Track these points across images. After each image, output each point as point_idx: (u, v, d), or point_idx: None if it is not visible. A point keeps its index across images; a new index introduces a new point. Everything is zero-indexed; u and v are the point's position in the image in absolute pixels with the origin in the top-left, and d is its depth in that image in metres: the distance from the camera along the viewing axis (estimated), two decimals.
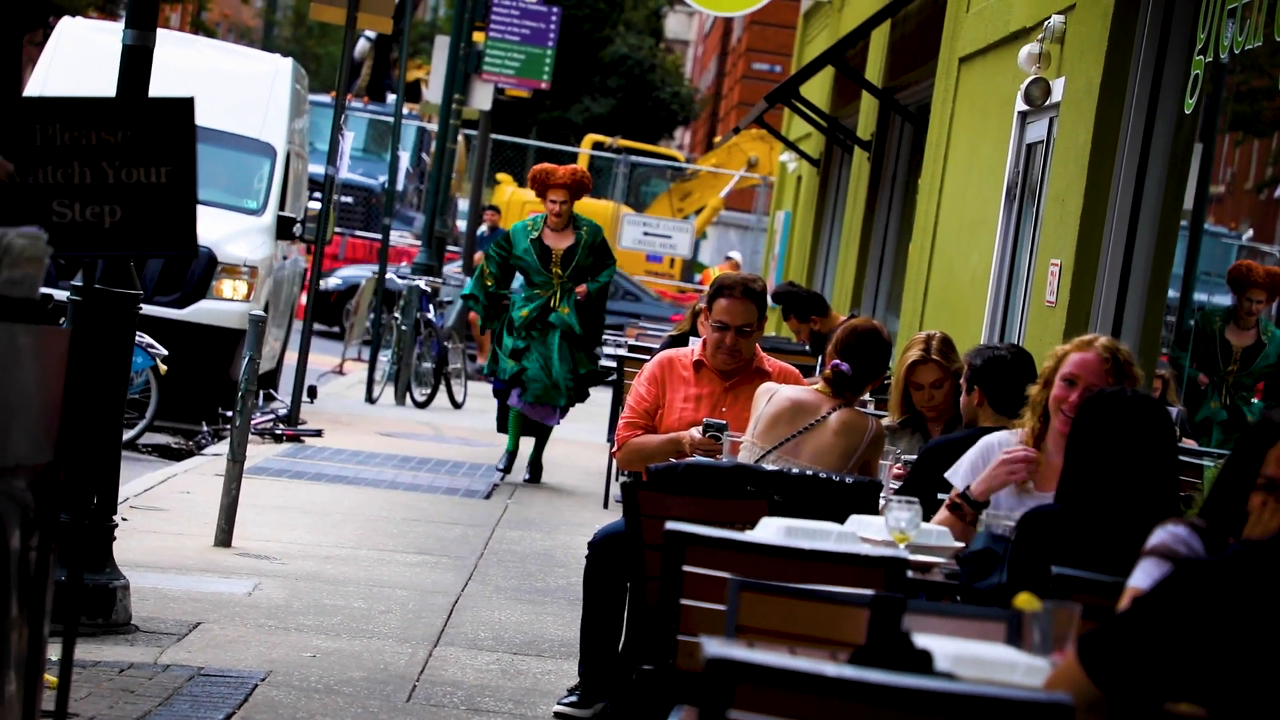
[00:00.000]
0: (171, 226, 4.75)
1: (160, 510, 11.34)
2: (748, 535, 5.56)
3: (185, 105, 4.81)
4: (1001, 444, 6.50)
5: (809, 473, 6.99)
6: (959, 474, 6.51)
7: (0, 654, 4.57)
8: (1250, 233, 11.72)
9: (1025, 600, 4.10)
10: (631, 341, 17.20)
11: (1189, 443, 10.59)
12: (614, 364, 14.76)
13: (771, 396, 7.36)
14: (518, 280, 14.55)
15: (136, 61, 7.96)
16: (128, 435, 14.17)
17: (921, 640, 3.79)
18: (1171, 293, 10.57)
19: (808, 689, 3.42)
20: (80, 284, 7.90)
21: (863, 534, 5.94)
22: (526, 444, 14.96)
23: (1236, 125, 10.22)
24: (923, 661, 3.68)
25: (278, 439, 15.37)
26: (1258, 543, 3.47)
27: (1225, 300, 15.73)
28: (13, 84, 4.94)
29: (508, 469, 14.67)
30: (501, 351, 14.25)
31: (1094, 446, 5.23)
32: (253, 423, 15.13)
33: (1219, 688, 3.43)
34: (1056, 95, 10.88)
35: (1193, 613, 3.45)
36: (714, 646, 3.48)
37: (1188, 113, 9.50)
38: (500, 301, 14.31)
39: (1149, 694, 3.49)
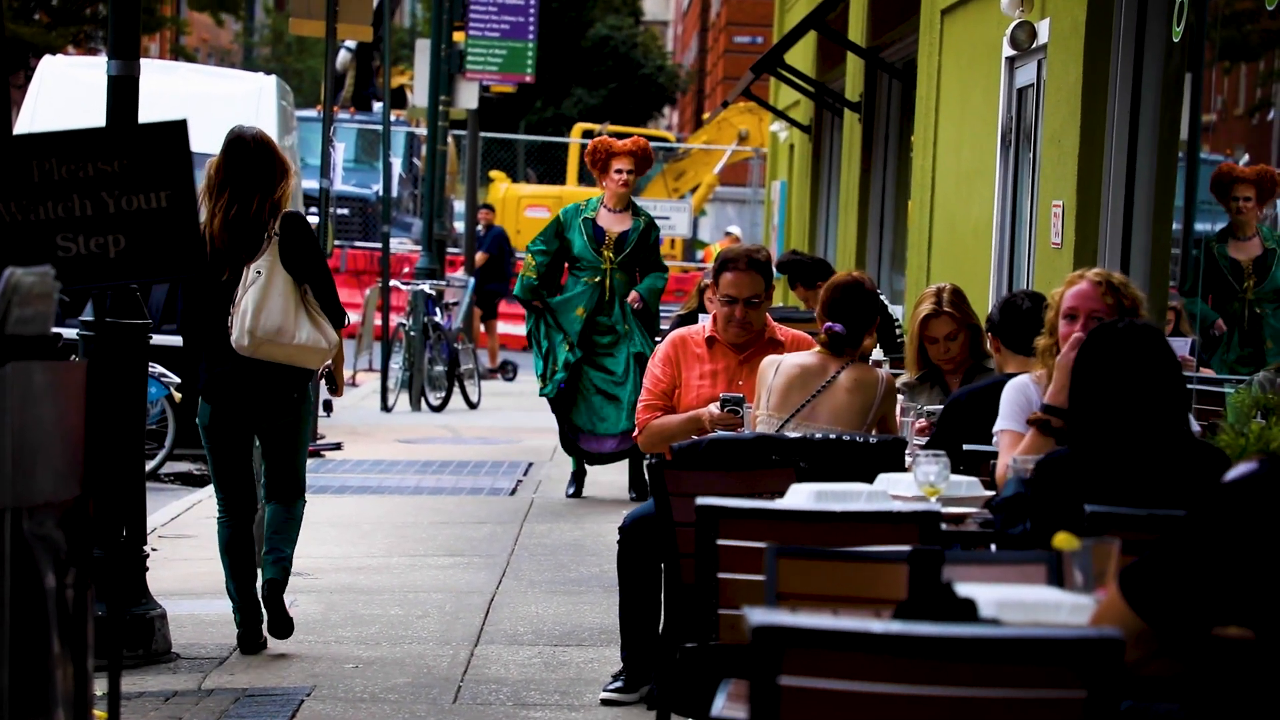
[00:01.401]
0: (176, 250, 4.76)
1: (189, 537, 11.37)
2: (779, 504, 5.57)
3: (179, 128, 4.82)
4: (1028, 383, 6.51)
5: (833, 436, 7.00)
6: (1006, 418, 6.50)
7: (47, 692, 4.59)
8: (1246, 158, 11.71)
9: (1064, 540, 4.11)
10: None
11: (1207, 371, 10.58)
12: None
13: (778, 367, 7.37)
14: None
15: (123, 91, 7.98)
16: (149, 465, 14.19)
17: (964, 589, 3.80)
18: (1177, 225, 10.56)
19: (856, 648, 3.43)
20: (90, 318, 7.93)
21: (893, 491, 5.94)
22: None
23: (1225, 52, 10.20)
24: (967, 610, 3.69)
25: (315, 455, 15.38)
26: None
27: (1224, 223, 15.68)
28: (3, 124, 4.96)
29: (577, 492, 13.68)
30: (557, 367, 13.32)
31: (1094, 381, 5.17)
32: None
33: (1265, 608, 3.43)
34: (1043, 37, 10.87)
35: (1233, 534, 3.45)
36: (758, 615, 3.49)
37: (1176, 41, 9.48)
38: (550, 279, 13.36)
39: (1195, 621, 3.49)
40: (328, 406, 17.32)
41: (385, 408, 19.37)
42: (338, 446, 15.82)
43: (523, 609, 9.45)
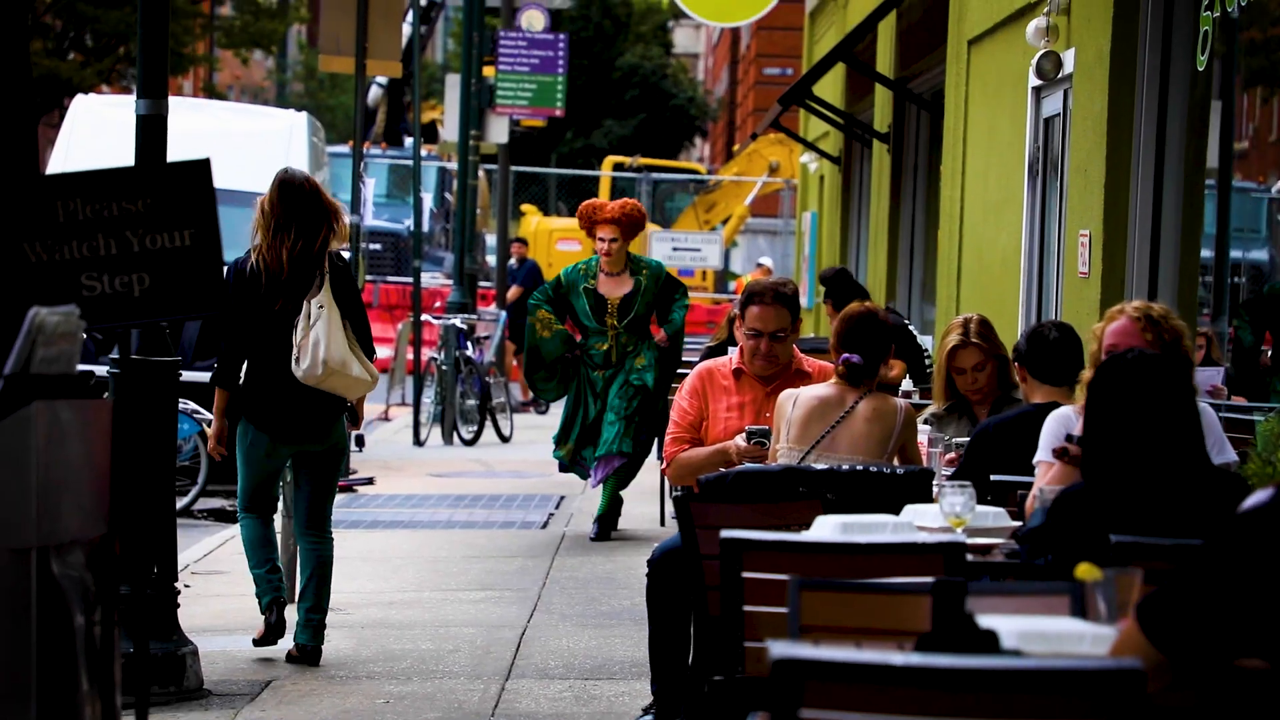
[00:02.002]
0: (200, 288, 4.78)
1: (222, 573, 11.39)
2: (804, 535, 5.57)
3: (202, 167, 4.85)
4: (1070, 415, 6.49)
5: (859, 468, 6.99)
6: (1044, 449, 6.49)
7: None
8: (1278, 185, 11.68)
9: (1086, 571, 4.10)
10: None
11: (1238, 400, 10.55)
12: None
13: (796, 400, 7.38)
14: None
15: (152, 130, 8.02)
16: (182, 502, 14.22)
17: (986, 621, 3.80)
18: (1205, 253, 10.54)
19: (876, 680, 3.43)
20: (118, 356, 7.98)
21: (919, 523, 5.94)
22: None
23: (1253, 80, 10.19)
24: (989, 642, 3.68)
25: (346, 490, 15.40)
26: None
27: (1261, 255, 15.63)
28: (30, 164, 4.99)
29: (602, 534, 13.08)
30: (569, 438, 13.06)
31: (1104, 413, 5.15)
32: None
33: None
34: (1068, 67, 10.87)
35: (1247, 564, 3.44)
36: (779, 647, 3.49)
37: (1201, 70, 9.48)
38: (568, 340, 12.93)
39: (1211, 652, 3.48)
40: (360, 441, 17.33)
41: (418, 442, 19.40)
42: (370, 481, 15.85)
43: (554, 643, 9.45)
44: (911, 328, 14.17)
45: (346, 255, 16.30)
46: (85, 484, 4.49)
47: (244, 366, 8.70)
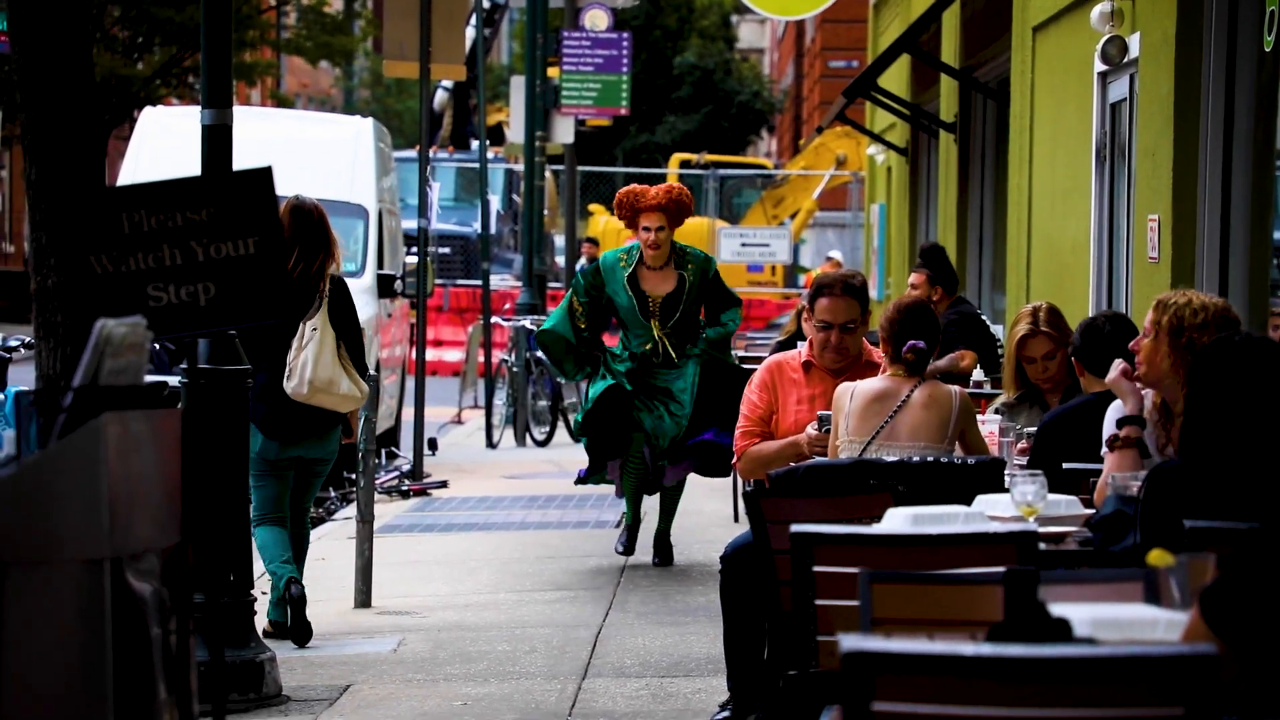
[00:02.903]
0: (265, 296, 4.81)
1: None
2: (875, 528, 5.56)
3: (264, 175, 4.88)
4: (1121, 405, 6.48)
5: (930, 459, 6.98)
6: (1109, 426, 6.47)
7: None
8: None
9: (1158, 556, 4.08)
10: (741, 353, 17.19)
11: None
12: None
13: (853, 393, 7.38)
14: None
15: (217, 140, 8.08)
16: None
17: (1058, 609, 3.78)
18: (1278, 234, 10.46)
19: (948, 671, 3.43)
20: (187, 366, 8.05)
21: (991, 512, 5.92)
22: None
23: None
24: (1061, 630, 3.67)
25: (405, 495, 15.48)
26: None
27: None
28: (95, 178, 5.04)
29: (628, 548, 11.76)
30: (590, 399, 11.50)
31: (1209, 395, 5.16)
32: (378, 482, 15.25)
33: None
34: (1134, 51, 10.82)
35: None
36: (850, 640, 3.48)
37: (1268, 50, 9.40)
38: (592, 350, 11.53)
39: (1273, 642, 3.46)
40: (432, 445, 17.42)
41: (490, 444, 19.45)
42: (444, 485, 15.91)
43: (630, 641, 9.46)
44: (984, 317, 14.12)
45: (413, 259, 16.45)
46: (158, 494, 4.52)
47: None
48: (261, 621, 8.85)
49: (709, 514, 14.12)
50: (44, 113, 5.92)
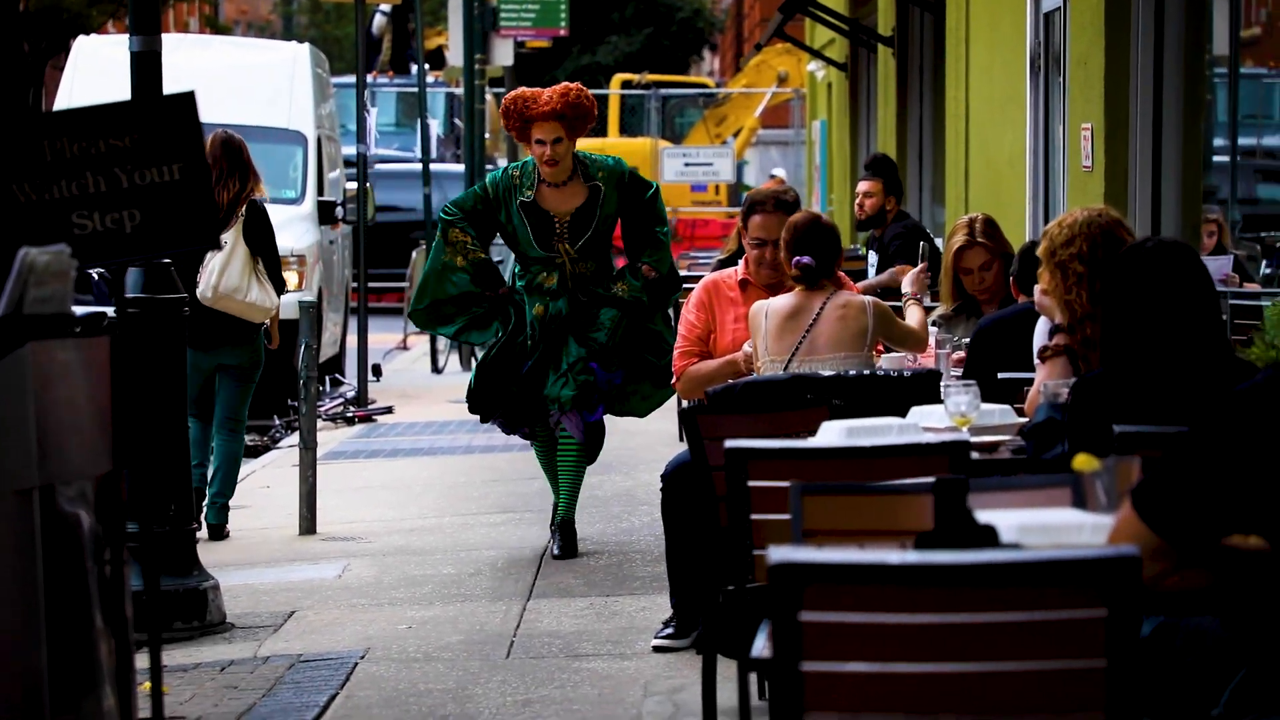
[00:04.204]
0: (191, 222, 4.80)
1: (243, 507, 11.44)
2: (808, 442, 5.58)
3: (188, 99, 4.85)
4: None
5: (866, 372, 7.02)
6: (1039, 339, 6.51)
7: (94, 668, 4.64)
8: None
9: (1083, 461, 4.11)
10: (684, 272, 17.18)
11: (1251, 286, 10.53)
12: None
13: (766, 313, 7.45)
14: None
15: (146, 67, 8.00)
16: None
17: (985, 516, 3.81)
18: (1220, 140, 10.51)
19: (874, 580, 3.44)
20: (130, 295, 8.02)
21: (925, 424, 5.96)
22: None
23: None
24: (988, 537, 3.70)
25: (350, 421, 15.48)
26: None
27: (1276, 141, 15.57)
28: (17, 105, 5.00)
29: (565, 546, 9.60)
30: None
31: (1125, 302, 5.17)
32: (323, 408, 15.26)
33: (1276, 515, 3.43)
34: None
35: (1237, 442, 3.45)
36: (777, 552, 3.50)
37: None
38: (490, 276, 9.55)
39: (1207, 532, 3.50)
40: (376, 371, 17.40)
41: (436, 369, 19.43)
42: (389, 410, 15.90)
43: (575, 561, 9.49)
44: (927, 230, 14.14)
45: (353, 185, 16.41)
46: (88, 422, 4.51)
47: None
48: (205, 550, 8.84)
49: (654, 433, 14.15)
50: None
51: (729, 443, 5.34)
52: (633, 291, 9.45)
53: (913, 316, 7.95)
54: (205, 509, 10.34)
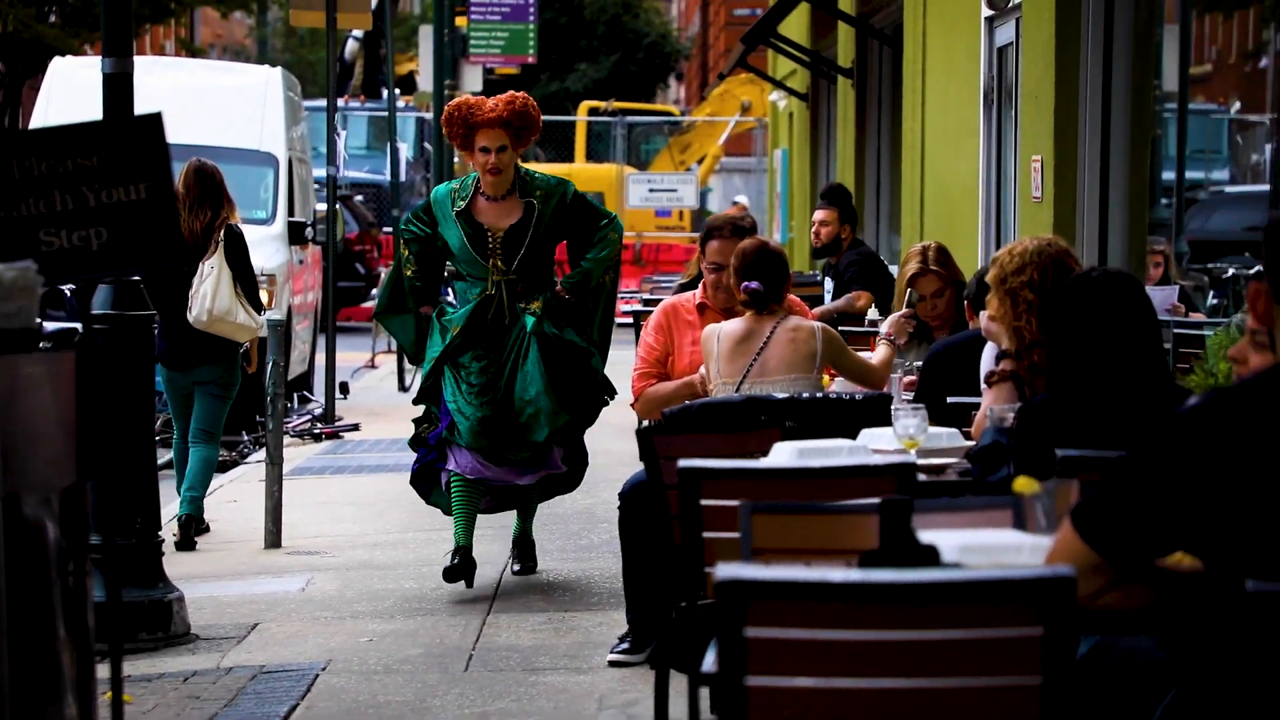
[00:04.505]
0: (157, 240, 4.80)
1: (210, 520, 11.41)
2: (759, 463, 5.59)
3: (154, 120, 4.85)
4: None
5: (820, 395, 7.04)
6: (986, 365, 6.55)
7: (56, 677, 4.63)
8: (1238, 105, 11.69)
9: (1024, 484, 4.14)
10: (646, 296, 17.21)
11: (1197, 316, 10.57)
12: (631, 320, 14.70)
13: (718, 336, 7.48)
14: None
15: (118, 88, 8.01)
16: (169, 455, 14.25)
17: (927, 536, 3.82)
18: (1168, 174, 10.56)
19: (817, 597, 3.45)
20: (102, 311, 8.02)
21: (874, 446, 5.97)
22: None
23: (1211, 5, 10.21)
24: (929, 556, 3.71)
25: (317, 438, 15.45)
26: (1229, 389, 3.50)
27: (1223, 175, 15.61)
28: None
29: (462, 571, 8.92)
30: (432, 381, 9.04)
31: (1069, 330, 5.21)
32: (291, 425, 15.23)
33: (1211, 536, 3.45)
34: None
35: (1173, 464, 3.47)
36: (724, 569, 3.51)
37: None
38: (425, 302, 9.04)
39: (1144, 551, 3.52)
40: (344, 389, 17.37)
41: (403, 388, 19.38)
42: (355, 428, 15.87)
43: (534, 577, 9.49)
44: (881, 258, 14.18)
45: (323, 206, 16.40)
46: (52, 435, 4.50)
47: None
48: (171, 563, 8.81)
49: (616, 453, 14.13)
50: None
51: (682, 462, 5.35)
52: (533, 312, 8.77)
53: (878, 355, 7.94)
54: (181, 505, 10.52)
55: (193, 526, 10.57)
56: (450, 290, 9.42)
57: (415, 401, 9.29)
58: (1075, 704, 3.37)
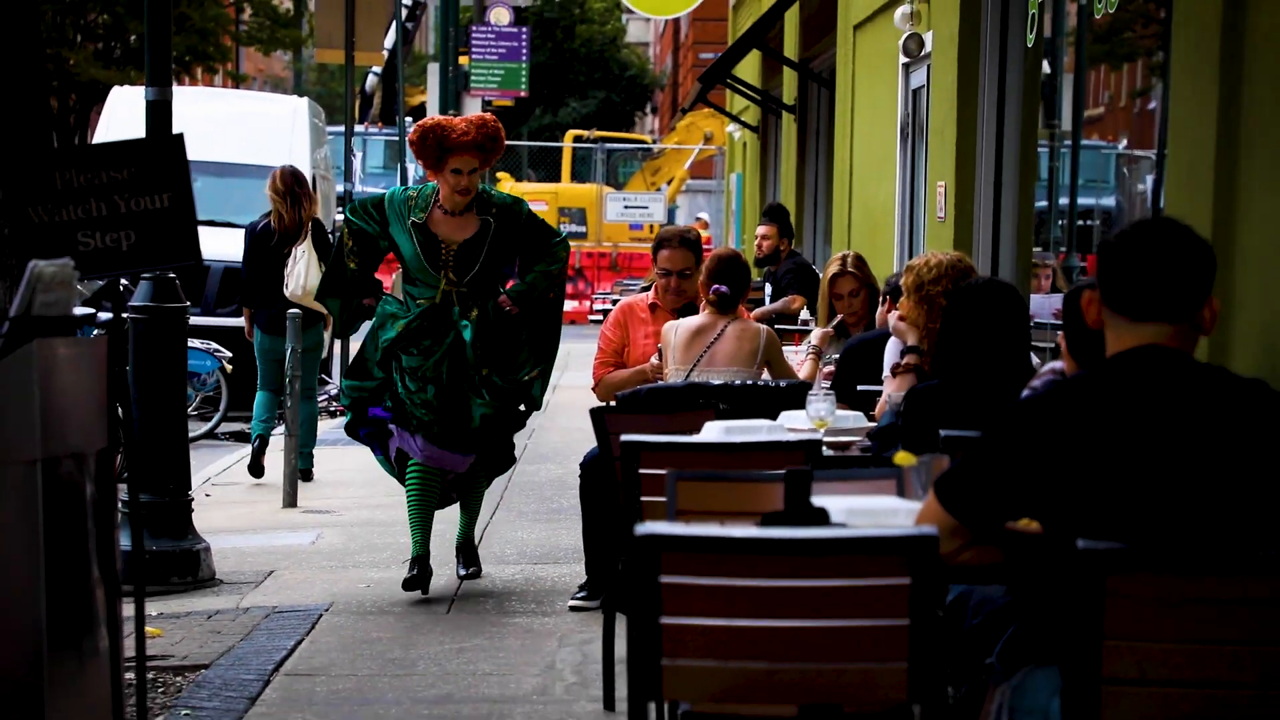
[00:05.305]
0: (178, 242, 4.83)
1: (238, 484, 11.45)
2: (692, 438, 5.63)
3: (177, 141, 4.89)
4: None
5: (749, 383, 7.08)
6: (889, 358, 6.61)
7: (89, 613, 4.65)
8: (1124, 142, 11.72)
9: (903, 458, 4.19)
10: (616, 296, 17.24)
11: None
12: (602, 317, 14.72)
13: (676, 329, 7.50)
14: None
15: (159, 113, 8.07)
16: (207, 426, 14.27)
17: (821, 500, 3.87)
18: (1063, 200, 10.62)
19: (719, 550, 3.50)
20: (140, 303, 8.05)
21: (790, 425, 6.02)
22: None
23: (1098, 58, 10.26)
24: (820, 517, 3.76)
25: (332, 415, 15.43)
26: (1064, 382, 3.55)
27: (1110, 202, 15.67)
28: (37, 141, 5.03)
29: (419, 581, 7.91)
30: (368, 365, 7.99)
31: (956, 327, 5.29)
32: None
33: (1049, 504, 3.50)
34: (928, 46, 10.92)
35: (1018, 443, 3.52)
36: (642, 527, 3.55)
37: (1030, 46, 9.53)
38: (364, 292, 8.01)
39: (994, 515, 3.56)
40: None
41: None
42: None
43: (510, 534, 9.52)
44: (814, 267, 14.22)
45: (341, 217, 16.41)
46: (84, 405, 4.53)
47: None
48: (202, 519, 8.83)
49: (587, 431, 14.13)
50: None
51: (624, 436, 5.40)
52: (470, 320, 7.84)
53: (805, 370, 8.01)
54: (299, 460, 10.94)
55: (310, 475, 11.43)
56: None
57: (347, 375, 8.14)
58: (937, 641, 3.42)
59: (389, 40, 25.02)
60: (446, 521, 9.83)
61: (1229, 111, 5.82)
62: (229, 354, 14.15)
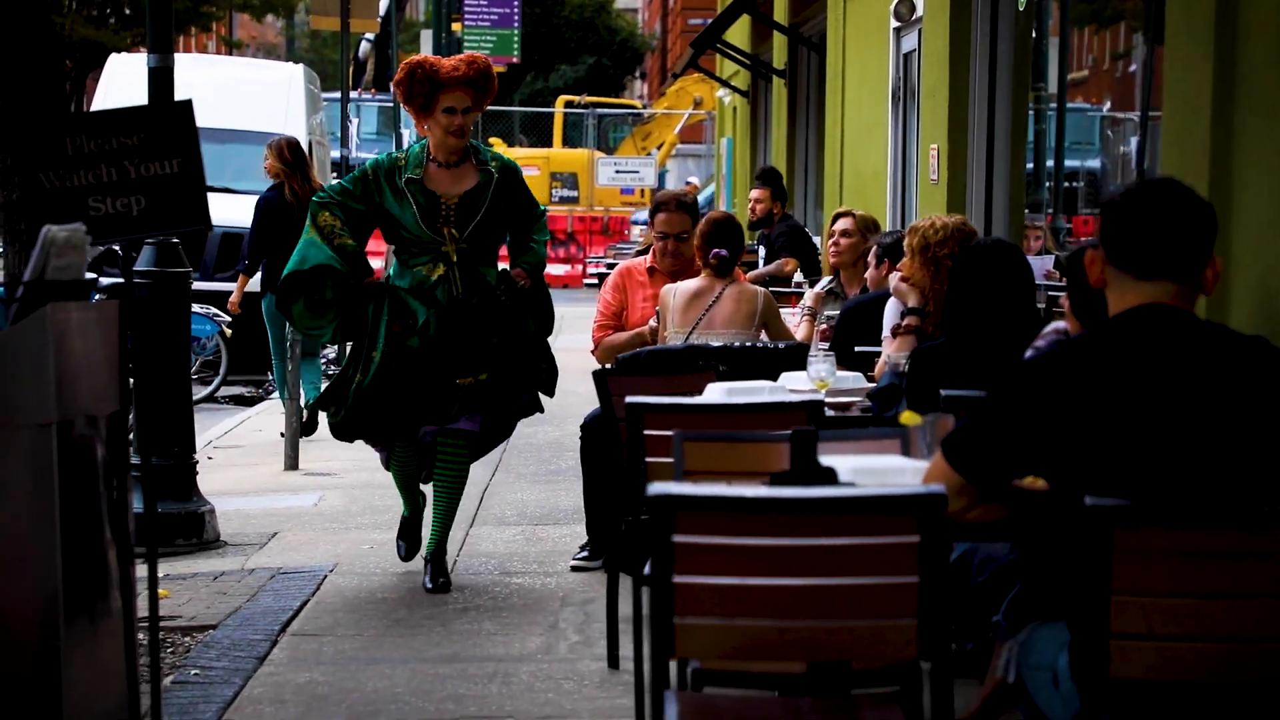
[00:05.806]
0: (187, 207, 4.81)
1: (239, 447, 11.43)
2: (695, 399, 5.62)
3: (185, 106, 4.86)
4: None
5: (749, 344, 7.07)
6: (888, 327, 6.59)
7: (103, 573, 4.65)
8: (1108, 105, 11.70)
9: (909, 418, 4.18)
10: (611, 261, 17.22)
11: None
12: (597, 281, 14.70)
13: (675, 292, 7.48)
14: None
15: (160, 80, 8.02)
16: (207, 390, 14.25)
17: (827, 460, 3.86)
18: (1049, 162, 10.61)
19: (732, 509, 3.50)
20: (144, 268, 8.03)
21: (791, 386, 6.01)
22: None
23: (1083, 20, 10.22)
24: (828, 477, 3.75)
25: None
26: (1068, 342, 3.54)
27: (1095, 164, 15.69)
28: (48, 108, 5.00)
29: (439, 579, 7.31)
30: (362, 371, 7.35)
31: (963, 286, 5.29)
32: None
33: (1054, 462, 3.50)
34: (920, 10, 10.88)
35: (1023, 403, 3.52)
36: (656, 486, 3.55)
37: (1021, 9, 9.50)
38: (358, 264, 7.15)
39: (1000, 474, 3.56)
40: None
41: None
42: None
43: (511, 496, 9.52)
44: (806, 230, 14.20)
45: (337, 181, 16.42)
46: (95, 369, 4.51)
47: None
48: (205, 481, 8.83)
49: (582, 394, 14.09)
50: (7, 58, 5.85)
51: (629, 398, 5.38)
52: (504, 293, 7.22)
53: (802, 332, 8.02)
54: (306, 391, 11.54)
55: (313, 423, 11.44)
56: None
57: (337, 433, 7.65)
58: (945, 598, 3.42)
59: (383, 6, 24.94)
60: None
61: (1224, 70, 5.79)
62: (227, 318, 14.11)
